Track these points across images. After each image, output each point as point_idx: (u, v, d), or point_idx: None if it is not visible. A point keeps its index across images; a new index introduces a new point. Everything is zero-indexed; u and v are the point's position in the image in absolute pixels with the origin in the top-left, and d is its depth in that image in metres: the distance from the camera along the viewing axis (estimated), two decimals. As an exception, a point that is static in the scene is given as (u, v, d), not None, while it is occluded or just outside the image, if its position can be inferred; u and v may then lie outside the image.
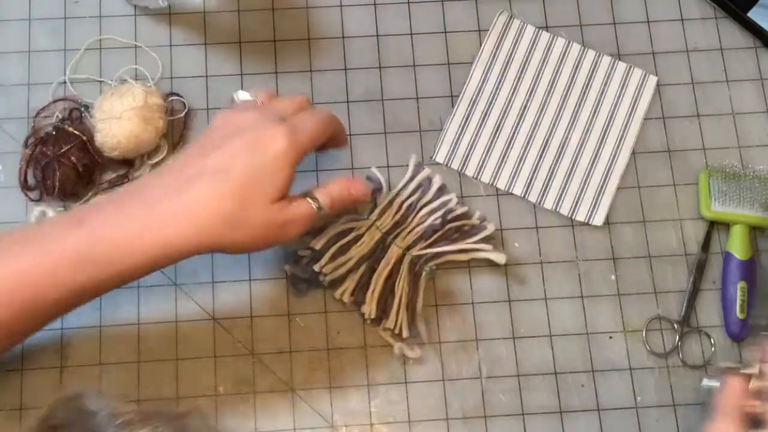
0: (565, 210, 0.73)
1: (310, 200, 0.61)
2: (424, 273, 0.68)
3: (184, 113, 0.73)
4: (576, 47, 0.77)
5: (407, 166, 0.73)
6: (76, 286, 0.55)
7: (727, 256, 0.72)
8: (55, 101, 0.73)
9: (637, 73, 0.76)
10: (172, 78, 0.75)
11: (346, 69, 0.76)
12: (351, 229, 0.69)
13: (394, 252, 0.68)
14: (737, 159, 0.75)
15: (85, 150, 0.70)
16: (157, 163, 0.72)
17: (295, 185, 0.72)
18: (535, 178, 0.74)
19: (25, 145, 0.71)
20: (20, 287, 0.55)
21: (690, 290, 0.71)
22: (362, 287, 0.68)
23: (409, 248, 0.69)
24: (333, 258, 0.68)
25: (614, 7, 0.79)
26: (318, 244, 0.68)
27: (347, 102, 0.75)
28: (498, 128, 0.75)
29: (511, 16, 0.77)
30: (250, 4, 0.77)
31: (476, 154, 0.74)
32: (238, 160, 0.57)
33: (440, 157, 0.74)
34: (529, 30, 0.77)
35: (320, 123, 0.62)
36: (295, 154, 0.58)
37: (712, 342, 0.71)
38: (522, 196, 0.73)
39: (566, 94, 0.76)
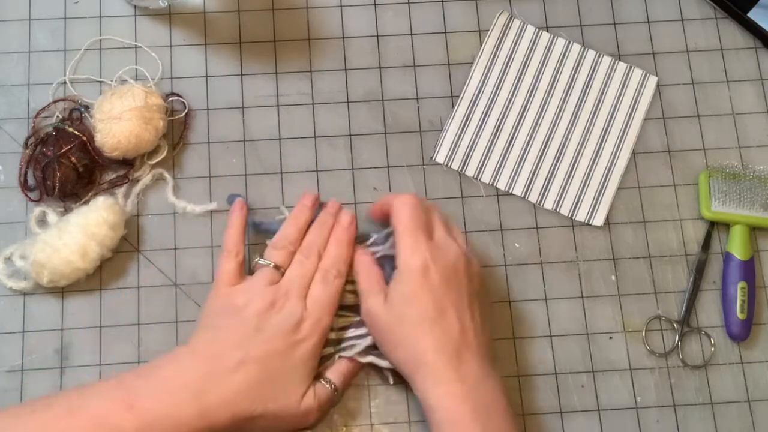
0: (565, 210, 0.73)
1: (324, 383, 0.64)
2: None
3: (184, 113, 0.73)
4: (576, 47, 0.77)
5: (405, 166, 0.73)
6: None
7: (727, 256, 0.72)
8: (55, 101, 0.73)
9: (637, 74, 0.76)
10: (172, 78, 0.75)
11: (346, 69, 0.76)
12: None
13: None
14: (737, 159, 0.75)
15: (85, 150, 0.70)
16: (158, 164, 0.72)
17: (298, 184, 0.72)
18: (536, 178, 0.74)
19: (25, 145, 0.71)
20: None
21: (690, 290, 0.71)
22: None
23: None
24: None
25: (614, 7, 0.79)
26: None
27: (347, 102, 0.75)
28: (498, 128, 0.75)
29: (511, 17, 0.77)
30: (250, 4, 0.77)
31: (476, 154, 0.74)
32: (271, 359, 0.61)
33: (440, 158, 0.74)
34: (530, 30, 0.77)
35: (338, 291, 0.65)
36: (320, 346, 0.64)
37: (712, 342, 0.71)
38: (522, 196, 0.74)
39: (566, 95, 0.76)
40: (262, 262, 0.65)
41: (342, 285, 0.65)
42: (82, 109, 0.72)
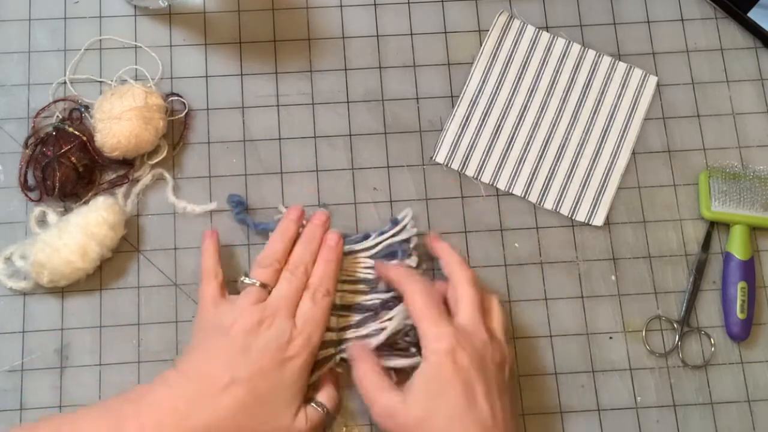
0: (565, 210, 0.73)
1: (316, 406, 0.62)
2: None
3: (184, 113, 0.73)
4: (576, 47, 0.77)
5: (405, 166, 0.73)
6: None
7: (727, 256, 0.72)
8: (55, 101, 0.73)
9: (637, 73, 0.76)
10: (172, 78, 0.75)
11: (346, 69, 0.76)
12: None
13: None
14: (737, 159, 0.75)
15: (85, 150, 0.70)
16: (158, 164, 0.72)
17: (298, 184, 0.72)
18: (536, 178, 0.74)
19: (25, 145, 0.71)
20: None
21: (690, 290, 0.71)
22: None
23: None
24: None
25: (614, 7, 0.79)
26: None
27: (347, 102, 0.75)
28: (498, 128, 0.75)
29: (511, 17, 0.77)
30: (250, 4, 0.77)
31: (476, 154, 0.74)
32: (259, 379, 0.59)
33: (440, 158, 0.74)
34: (530, 30, 0.77)
35: (327, 309, 0.63)
36: (309, 364, 0.62)
37: (712, 342, 0.71)
38: (522, 196, 0.74)
39: (566, 95, 0.76)
40: (247, 281, 0.63)
41: (331, 303, 0.64)
42: (82, 109, 0.72)
